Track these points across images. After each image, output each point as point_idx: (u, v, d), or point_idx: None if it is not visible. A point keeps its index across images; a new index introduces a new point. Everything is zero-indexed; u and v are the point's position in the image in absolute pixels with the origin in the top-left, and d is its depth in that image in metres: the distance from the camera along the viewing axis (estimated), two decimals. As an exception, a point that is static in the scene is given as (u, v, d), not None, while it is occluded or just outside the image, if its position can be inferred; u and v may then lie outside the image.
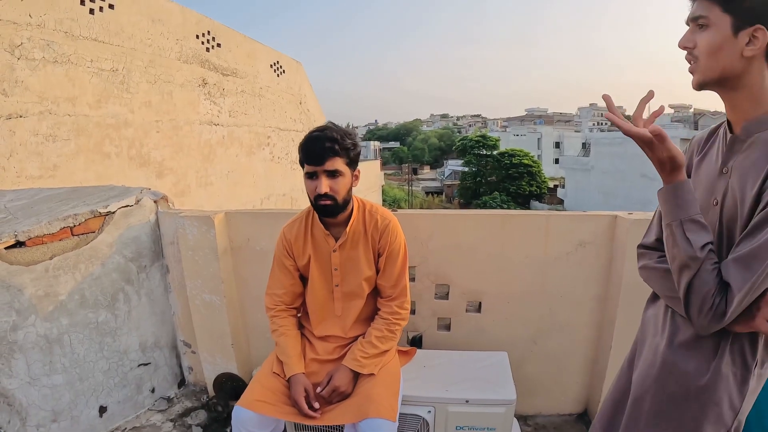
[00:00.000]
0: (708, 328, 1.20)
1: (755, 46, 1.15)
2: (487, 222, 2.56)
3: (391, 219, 2.11)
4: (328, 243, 2.07)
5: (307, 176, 1.92)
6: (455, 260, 2.59)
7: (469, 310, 2.69)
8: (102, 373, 2.66)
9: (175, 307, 3.00)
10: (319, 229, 2.07)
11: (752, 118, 1.22)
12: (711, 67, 1.21)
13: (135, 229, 2.77)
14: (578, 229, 2.50)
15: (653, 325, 1.50)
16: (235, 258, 2.79)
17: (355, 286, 2.10)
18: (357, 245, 2.08)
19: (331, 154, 1.87)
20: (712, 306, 1.15)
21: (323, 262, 2.10)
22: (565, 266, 2.55)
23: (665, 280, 1.38)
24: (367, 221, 2.09)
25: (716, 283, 1.15)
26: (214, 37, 8.01)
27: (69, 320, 2.49)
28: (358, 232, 2.07)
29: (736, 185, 1.22)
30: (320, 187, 1.88)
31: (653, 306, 1.56)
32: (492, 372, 2.29)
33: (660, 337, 1.43)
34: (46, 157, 5.31)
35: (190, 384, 3.16)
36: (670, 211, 1.23)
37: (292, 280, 2.15)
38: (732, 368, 1.26)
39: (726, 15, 1.17)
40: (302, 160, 1.92)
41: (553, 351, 2.69)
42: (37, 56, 5.17)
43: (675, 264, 1.23)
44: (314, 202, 1.93)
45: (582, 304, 2.61)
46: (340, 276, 2.10)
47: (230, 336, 2.79)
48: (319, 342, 2.14)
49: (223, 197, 8.35)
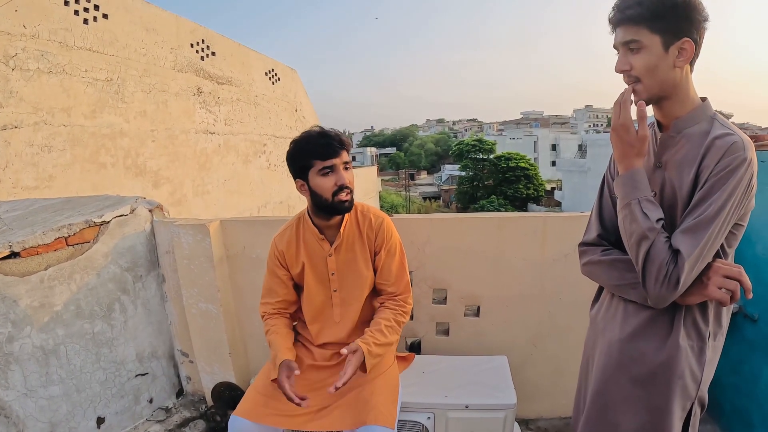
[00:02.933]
0: (664, 298, 1.29)
1: (684, 56, 1.30)
2: (483, 225, 2.55)
3: (384, 217, 2.10)
4: (323, 247, 2.04)
5: (323, 174, 1.87)
6: (453, 264, 2.58)
7: (468, 315, 2.67)
8: (99, 384, 2.63)
9: (171, 317, 2.98)
10: (313, 234, 2.04)
11: (680, 116, 1.38)
12: (652, 84, 1.33)
13: (130, 238, 2.75)
14: (576, 230, 2.44)
15: (602, 322, 1.58)
16: (231, 266, 2.77)
17: (354, 289, 2.06)
18: (353, 247, 2.05)
19: (344, 146, 1.90)
20: (667, 273, 1.24)
21: (319, 268, 2.07)
22: (563, 268, 2.54)
23: (612, 270, 1.49)
24: (361, 222, 2.07)
25: (669, 253, 1.25)
26: (208, 46, 8.02)
27: (65, 331, 2.47)
28: (352, 233, 2.05)
29: (674, 175, 1.36)
30: (342, 179, 1.88)
31: (598, 304, 1.66)
32: (492, 376, 2.27)
33: (611, 330, 1.51)
34: (41, 168, 5.30)
35: (189, 394, 3.14)
36: (629, 193, 1.35)
37: (286, 289, 2.13)
38: (688, 341, 1.37)
39: (654, 35, 1.29)
40: (312, 158, 1.87)
41: (553, 354, 2.68)
42: (31, 67, 5.16)
43: (633, 239, 1.32)
44: (332, 199, 1.89)
45: (581, 306, 2.52)
46: (338, 280, 2.06)
47: (227, 345, 2.77)
48: (317, 349, 2.11)
49: (219, 206, 8.33)
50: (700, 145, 1.31)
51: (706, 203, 1.25)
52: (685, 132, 1.37)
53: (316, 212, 2.01)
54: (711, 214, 1.23)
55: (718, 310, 1.40)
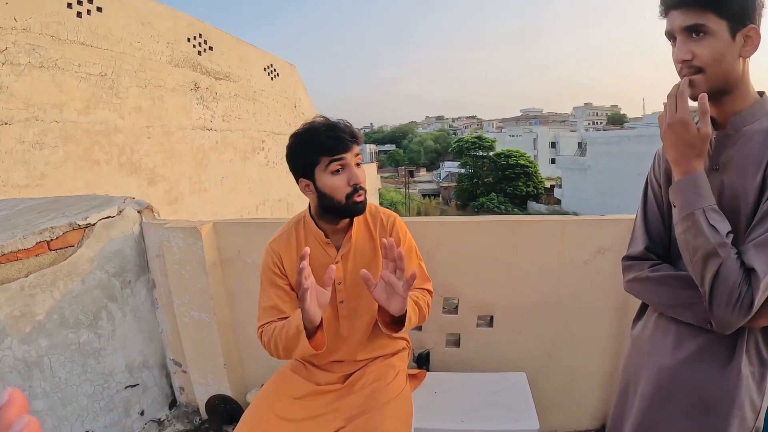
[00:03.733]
0: (733, 324, 1.13)
1: (750, 45, 1.17)
2: (498, 229, 2.38)
3: (395, 215, 1.90)
4: (328, 254, 1.78)
5: (333, 171, 1.63)
6: (464, 271, 2.40)
7: (480, 325, 2.50)
8: (86, 397, 2.47)
9: (163, 324, 2.81)
10: (317, 238, 1.78)
11: (738, 113, 1.23)
12: (716, 75, 1.18)
13: (117, 242, 2.58)
14: (596, 235, 2.33)
15: (648, 344, 1.40)
16: (225, 272, 2.59)
17: (365, 299, 1.76)
18: (363, 252, 1.81)
19: (356, 139, 1.66)
20: (740, 296, 1.09)
21: (323, 277, 1.72)
22: (582, 275, 2.37)
23: (663, 288, 1.34)
24: (371, 223, 1.84)
25: (742, 272, 1.10)
26: (206, 40, 7.89)
27: (48, 342, 2.30)
28: (363, 237, 1.82)
29: (735, 179, 1.21)
30: (356, 177, 1.65)
31: (642, 323, 1.47)
32: (510, 396, 2.09)
33: (661, 353, 1.34)
34: (32, 166, 5.16)
35: (182, 405, 2.97)
36: (691, 201, 1.18)
37: (291, 303, 1.78)
38: (750, 368, 1.22)
39: (721, 20, 1.14)
40: (319, 153, 1.63)
41: (569, 365, 2.52)
42: (22, 61, 5.02)
43: (698, 255, 1.15)
44: (346, 201, 1.66)
45: (600, 314, 2.43)
46: (345, 290, 1.80)
47: (222, 356, 2.60)
48: (321, 372, 1.87)
49: (217, 204, 8.21)
50: (764, 144, 1.16)
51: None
52: (744, 130, 1.21)
53: (321, 215, 1.77)
54: None
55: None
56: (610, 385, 2.54)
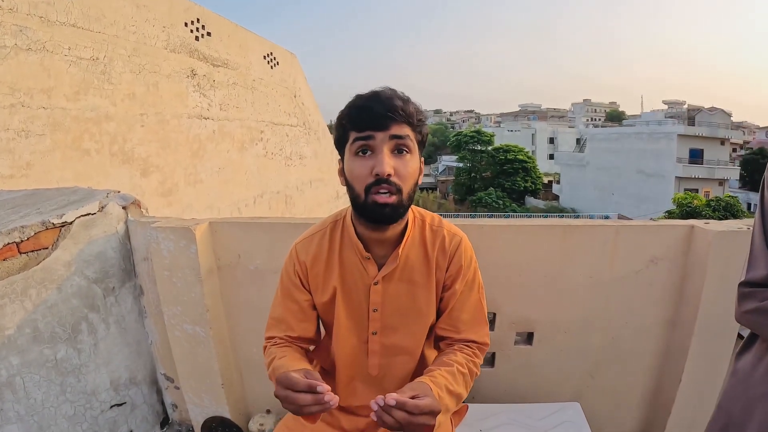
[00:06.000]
0: None
1: None
2: (544, 235, 2.07)
3: (463, 236, 1.47)
4: (368, 271, 1.40)
5: (357, 151, 1.24)
6: (504, 282, 2.10)
7: (518, 342, 2.22)
8: (66, 420, 2.16)
9: (152, 335, 2.49)
10: (355, 249, 1.40)
11: None
12: None
13: (99, 243, 2.25)
14: (650, 243, 2.07)
15: (763, 379, 1.14)
16: (222, 279, 2.26)
17: (405, 335, 1.45)
18: (412, 275, 1.42)
19: (401, 115, 1.22)
20: None
21: (356, 299, 1.44)
22: (633, 287, 2.11)
23: None
24: (430, 240, 1.43)
25: None
26: (203, 26, 7.59)
27: (20, 359, 1.99)
28: (414, 256, 1.42)
29: None
30: (381, 165, 1.19)
31: (753, 356, 1.20)
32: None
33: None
34: (18, 155, 4.86)
35: (175, 423, 2.67)
36: None
37: (305, 323, 1.48)
38: None
39: None
40: (348, 129, 1.26)
41: (611, 384, 2.28)
42: (8, 43, 4.71)
43: None
44: (365, 197, 1.24)
45: (648, 330, 2.19)
46: (381, 320, 1.43)
47: (219, 374, 2.28)
48: (344, 415, 1.52)
49: (213, 195, 7.93)
50: None
51: None
52: None
53: (357, 216, 1.36)
54: None
55: None
56: (652, 404, 2.33)
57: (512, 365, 2.24)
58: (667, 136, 33.45)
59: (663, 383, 2.25)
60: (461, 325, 1.44)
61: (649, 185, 33.67)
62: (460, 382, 1.31)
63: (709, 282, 1.95)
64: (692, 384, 2.07)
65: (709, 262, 1.94)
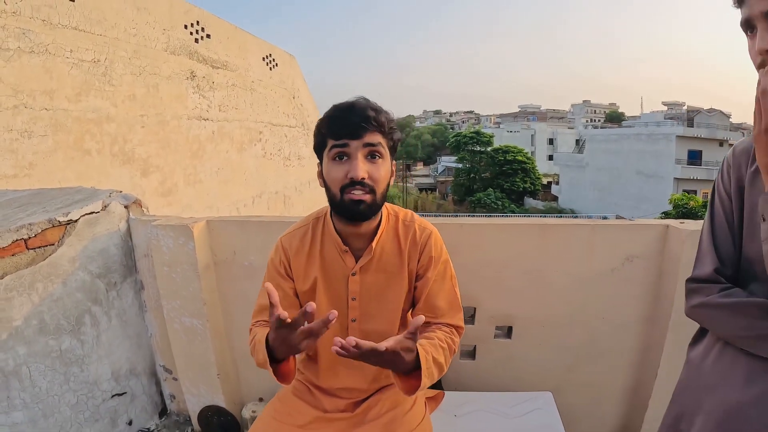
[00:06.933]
0: None
1: None
2: (523, 233, 2.18)
3: (433, 229, 1.61)
4: (346, 263, 1.54)
5: (334, 157, 1.38)
6: (483, 278, 2.21)
7: (498, 336, 2.32)
8: (69, 408, 2.28)
9: (152, 329, 2.61)
10: (334, 242, 1.54)
11: None
12: None
13: (102, 240, 2.37)
14: (627, 241, 2.15)
15: (712, 375, 1.21)
16: (219, 275, 2.38)
17: (381, 322, 1.58)
18: (387, 267, 1.55)
19: (373, 125, 1.36)
20: None
21: (336, 289, 1.57)
22: (610, 284, 2.19)
23: (737, 317, 1.14)
24: (402, 234, 1.57)
25: None
26: (203, 28, 7.69)
27: (27, 349, 2.10)
28: (388, 248, 1.55)
29: None
30: (355, 170, 1.34)
31: (702, 348, 1.27)
32: (538, 420, 1.90)
33: (729, 389, 1.15)
34: (21, 155, 4.96)
35: (173, 413, 2.78)
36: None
37: (291, 309, 1.54)
38: None
39: None
40: (326, 136, 1.40)
41: (590, 379, 2.36)
42: (11, 46, 4.81)
43: None
44: (340, 196, 1.38)
45: (626, 326, 2.27)
46: (359, 308, 1.57)
47: (215, 365, 2.40)
48: (327, 396, 1.64)
49: (212, 195, 8.03)
50: None
51: None
52: None
53: (335, 213, 1.51)
54: None
55: None
56: (631, 401, 2.39)
57: (492, 358, 2.34)
58: (666, 137, 33.53)
59: (641, 379, 2.32)
60: (438, 311, 1.55)
61: (648, 186, 33.72)
62: (441, 354, 1.40)
63: (682, 280, 1.99)
64: (668, 379, 2.12)
65: (682, 261, 2.01)
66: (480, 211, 35.27)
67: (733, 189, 1.20)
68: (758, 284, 1.12)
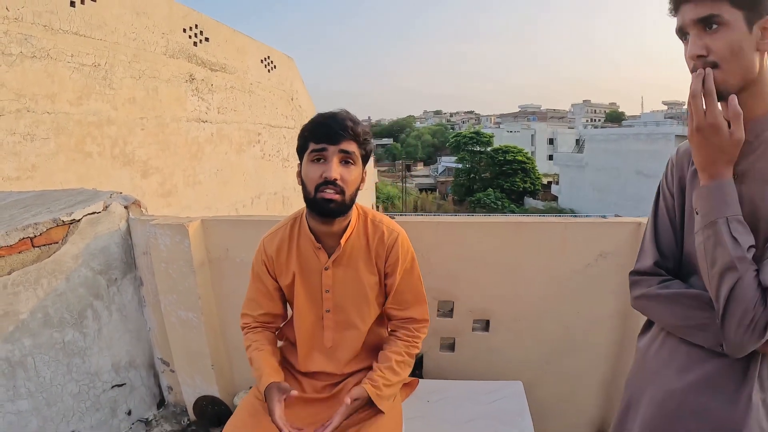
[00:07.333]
0: (744, 347, 1.06)
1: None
2: (498, 231, 2.30)
3: (400, 231, 1.77)
4: (319, 258, 1.71)
5: (312, 159, 1.56)
6: (461, 274, 2.33)
7: (476, 329, 2.44)
8: (72, 397, 2.41)
9: (150, 323, 2.74)
10: (308, 240, 1.70)
11: (758, 117, 1.13)
12: (734, 71, 1.09)
13: (103, 238, 2.50)
14: (599, 238, 2.26)
15: (654, 362, 1.31)
16: (213, 271, 2.52)
17: (352, 313, 1.75)
18: (356, 262, 1.72)
19: (350, 134, 1.55)
20: (754, 318, 1.01)
21: (311, 282, 1.75)
22: (583, 280, 2.30)
23: (674, 307, 1.24)
24: (371, 233, 1.74)
25: (758, 292, 1.02)
26: (202, 31, 7.78)
27: (32, 341, 2.23)
28: (357, 246, 1.72)
29: (755, 190, 1.12)
30: (329, 171, 1.52)
31: (648, 337, 1.38)
32: (506, 406, 2.02)
33: (667, 376, 1.25)
34: (23, 158, 5.07)
35: (171, 404, 2.91)
36: (716, 209, 1.10)
37: (272, 302, 1.82)
38: (761, 395, 1.13)
39: (736, 10, 1.06)
40: (308, 140, 1.57)
41: (567, 371, 2.46)
42: (14, 51, 4.92)
43: (716, 268, 1.07)
44: (314, 194, 1.55)
45: (601, 321, 2.36)
46: (332, 300, 1.74)
47: (210, 356, 2.53)
48: (306, 379, 1.82)
49: (212, 197, 8.13)
50: None
51: None
52: (766, 136, 1.12)
53: (310, 212, 1.67)
54: None
55: None
56: (608, 392, 2.49)
57: (471, 351, 2.45)
58: (665, 136, 33.43)
59: (615, 372, 2.42)
60: (405, 303, 1.78)
61: (648, 186, 33.53)
62: (399, 371, 1.70)
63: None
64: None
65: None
66: (480, 211, 35.27)
67: (675, 187, 1.31)
68: (697, 277, 1.21)
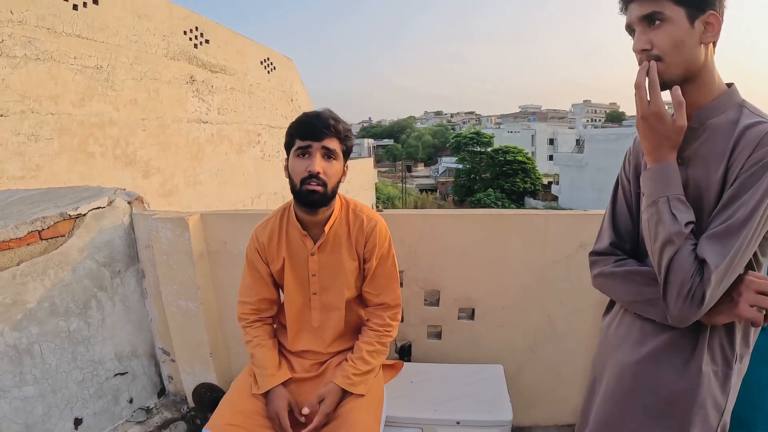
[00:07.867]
0: (687, 317, 1.13)
1: (711, 32, 1.17)
2: (481, 223, 2.41)
3: (379, 220, 1.91)
4: (306, 245, 1.85)
5: (298, 154, 1.70)
6: (446, 264, 2.44)
7: (462, 318, 2.54)
8: (76, 384, 2.51)
9: (152, 314, 2.85)
10: (296, 228, 1.84)
11: (704, 105, 1.22)
12: (676, 63, 1.18)
13: (108, 232, 2.62)
14: (579, 230, 2.36)
15: (614, 338, 1.41)
16: (212, 262, 2.63)
17: (336, 295, 1.89)
18: (339, 248, 1.86)
19: (332, 132, 1.69)
20: (691, 288, 1.09)
21: (299, 267, 1.89)
22: (564, 270, 2.40)
23: (627, 283, 1.33)
24: (351, 222, 1.88)
25: (695, 264, 1.10)
26: (202, 33, 7.89)
27: (39, 329, 2.34)
28: (340, 233, 1.86)
29: (699, 173, 1.21)
30: (313, 165, 1.66)
31: (610, 317, 1.48)
32: (486, 388, 2.14)
33: (624, 351, 1.35)
34: (28, 158, 5.20)
35: (171, 393, 3.02)
36: (658, 189, 1.19)
37: (266, 287, 1.95)
38: (712, 366, 1.22)
39: (678, 7, 1.15)
40: (294, 136, 1.71)
41: (551, 359, 2.56)
42: (18, 54, 5.04)
43: (657, 243, 1.17)
44: (300, 186, 1.69)
45: (582, 310, 2.45)
46: (319, 283, 1.89)
47: (208, 345, 2.64)
48: (295, 358, 1.95)
49: (212, 196, 8.23)
50: (728, 136, 1.15)
51: (735, 204, 1.10)
52: (710, 123, 1.20)
53: (296, 203, 1.82)
54: (742, 218, 1.08)
55: (747, 330, 1.24)
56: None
57: (457, 338, 2.55)
58: (665, 136, 33.40)
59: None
60: (379, 288, 1.93)
61: (647, 186, 33.52)
62: (370, 360, 1.84)
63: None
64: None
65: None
66: (480, 212, 35.14)
67: (631, 174, 1.42)
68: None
